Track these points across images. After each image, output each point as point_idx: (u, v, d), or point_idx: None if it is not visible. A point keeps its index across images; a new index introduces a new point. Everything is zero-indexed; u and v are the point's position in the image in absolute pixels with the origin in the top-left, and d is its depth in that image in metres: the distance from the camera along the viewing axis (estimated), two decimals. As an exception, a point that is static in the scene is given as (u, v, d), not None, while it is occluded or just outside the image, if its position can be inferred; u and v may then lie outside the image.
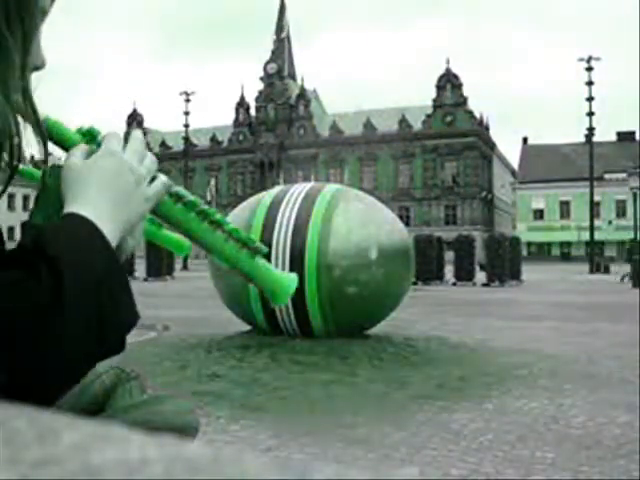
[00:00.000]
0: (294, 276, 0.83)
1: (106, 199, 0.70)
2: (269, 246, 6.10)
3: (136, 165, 0.74)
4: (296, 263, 6.02)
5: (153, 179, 0.76)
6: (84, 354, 0.62)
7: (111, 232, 0.67)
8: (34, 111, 0.72)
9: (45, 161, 0.76)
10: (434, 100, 71.85)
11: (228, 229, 0.80)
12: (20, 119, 0.71)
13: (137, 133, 0.77)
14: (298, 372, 5.21)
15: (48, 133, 0.75)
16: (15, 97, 0.69)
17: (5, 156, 0.71)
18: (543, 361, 6.00)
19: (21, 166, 0.97)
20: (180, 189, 0.79)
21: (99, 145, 0.74)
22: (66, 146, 0.76)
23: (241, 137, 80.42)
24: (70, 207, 0.68)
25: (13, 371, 0.57)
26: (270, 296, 0.82)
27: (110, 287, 0.64)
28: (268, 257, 0.84)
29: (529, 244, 64.04)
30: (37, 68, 0.74)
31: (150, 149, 0.78)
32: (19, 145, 0.71)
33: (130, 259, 21.13)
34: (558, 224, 67.40)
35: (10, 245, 0.67)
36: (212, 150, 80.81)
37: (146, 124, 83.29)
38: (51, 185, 0.73)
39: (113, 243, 0.67)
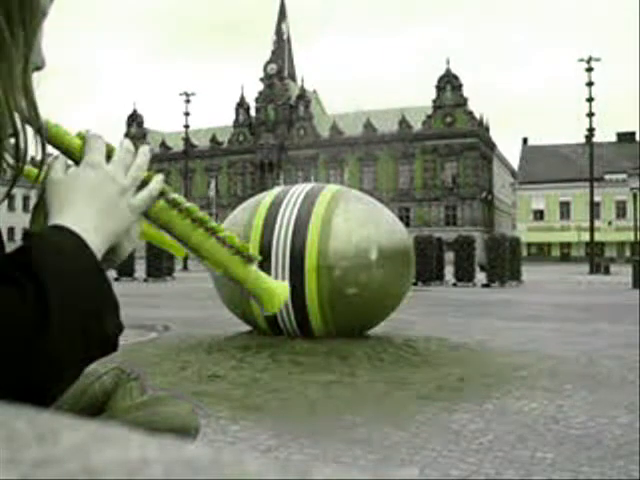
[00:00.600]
0: (286, 285, 0.84)
1: (90, 211, 0.69)
2: (269, 247, 6.11)
3: (120, 175, 0.73)
4: (296, 264, 6.02)
5: (143, 185, 0.76)
6: (69, 364, 0.62)
7: (96, 243, 0.67)
8: (36, 112, 0.72)
9: (42, 163, 0.76)
10: (434, 101, 71.84)
11: (222, 236, 0.80)
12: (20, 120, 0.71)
13: (125, 142, 0.77)
14: (298, 373, 5.21)
15: (48, 137, 0.75)
16: (17, 97, 0.69)
17: (8, 158, 0.71)
18: (543, 362, 6.00)
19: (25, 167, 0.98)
20: (176, 195, 0.79)
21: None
22: (65, 150, 0.76)
23: (241, 138, 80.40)
24: (55, 219, 0.68)
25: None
26: (262, 304, 0.82)
27: (95, 299, 0.64)
28: (268, 258, 0.85)
29: (529, 245, 64.05)
30: (38, 68, 0.74)
31: (150, 149, 0.78)
32: (25, 146, 0.71)
33: (130, 260, 21.20)
34: (558, 225, 67.39)
35: (10, 247, 0.67)
36: (212, 151, 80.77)
37: (146, 125, 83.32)
38: None
39: (98, 254, 0.67)
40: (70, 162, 0.75)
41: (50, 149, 0.76)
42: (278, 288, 0.82)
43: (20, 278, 0.59)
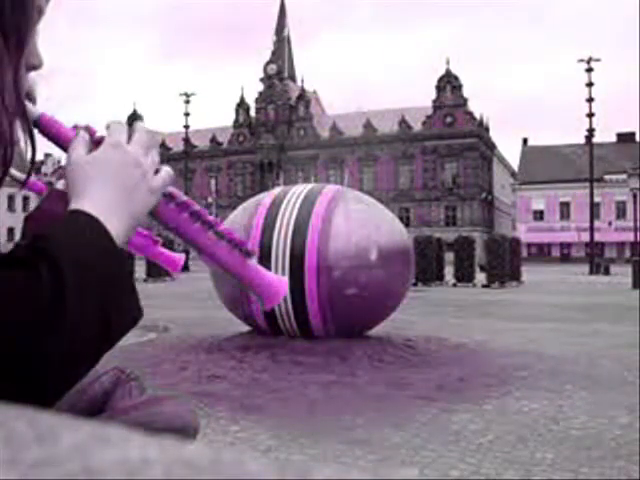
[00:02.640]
0: (285, 279, 0.83)
1: (111, 194, 0.69)
2: (269, 247, 6.11)
3: (141, 157, 0.73)
4: (296, 264, 6.02)
5: (157, 171, 0.76)
6: (87, 351, 0.62)
7: (116, 228, 0.66)
8: (23, 111, 0.71)
9: (33, 161, 0.76)
10: (434, 101, 71.84)
11: (220, 230, 0.80)
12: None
13: (141, 125, 0.77)
14: (298, 373, 5.21)
15: (44, 130, 0.75)
16: (8, 97, 0.68)
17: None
18: (543, 362, 6.00)
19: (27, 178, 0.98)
20: (173, 189, 0.79)
21: (97, 143, 0.74)
22: (62, 144, 0.75)
23: (241, 138, 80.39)
24: (75, 203, 0.68)
25: (16, 371, 0.57)
26: (261, 298, 0.82)
27: (113, 284, 0.63)
28: (268, 258, 0.85)
29: (529, 245, 64.04)
30: (35, 67, 0.73)
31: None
32: (11, 153, 0.70)
33: (130, 260, 21.18)
34: (558, 225, 67.39)
35: (10, 246, 0.66)
36: (212, 151, 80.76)
37: (146, 125, 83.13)
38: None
39: (119, 239, 0.66)
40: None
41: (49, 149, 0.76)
42: (277, 282, 0.82)
43: (37, 263, 0.59)
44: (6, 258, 0.60)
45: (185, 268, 31.29)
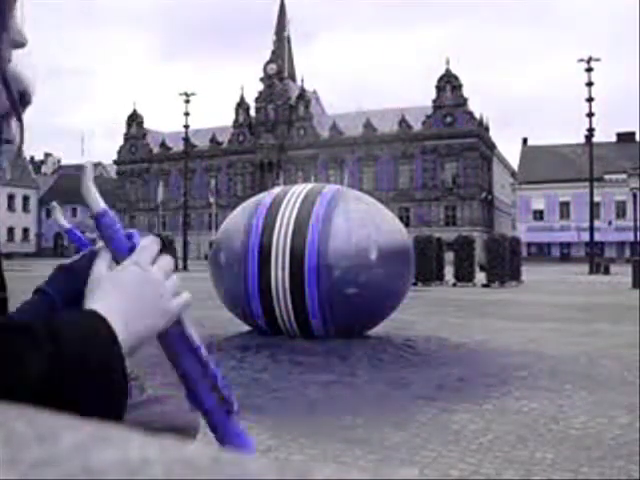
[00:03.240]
0: (251, 441, 0.84)
1: (124, 309, 0.69)
2: (269, 247, 6.11)
3: (161, 279, 0.74)
4: (296, 263, 6.02)
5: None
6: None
7: (122, 332, 0.66)
8: (9, 92, 0.71)
9: (20, 148, 0.75)
10: (434, 101, 71.85)
11: (217, 383, 0.80)
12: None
13: (168, 258, 0.77)
14: (298, 373, 5.21)
15: (101, 228, 0.74)
16: None
17: (4, 161, 0.70)
18: (543, 362, 6.00)
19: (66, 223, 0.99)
20: (186, 322, 0.80)
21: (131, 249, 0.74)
22: (112, 249, 0.74)
23: (241, 138, 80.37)
24: (89, 306, 0.68)
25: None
26: (226, 446, 0.81)
27: (110, 377, 0.63)
28: (268, 258, 0.85)
29: (529, 245, 64.06)
30: (21, 45, 0.74)
31: (150, 149, 0.77)
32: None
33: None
34: (558, 225, 67.41)
35: (10, 246, 0.66)
36: (212, 151, 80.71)
37: (146, 125, 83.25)
38: (81, 267, 0.74)
39: (124, 344, 0.66)
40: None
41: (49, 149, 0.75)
42: (244, 442, 0.83)
43: (42, 343, 0.59)
44: (18, 324, 0.61)
45: (184, 268, 31.31)
